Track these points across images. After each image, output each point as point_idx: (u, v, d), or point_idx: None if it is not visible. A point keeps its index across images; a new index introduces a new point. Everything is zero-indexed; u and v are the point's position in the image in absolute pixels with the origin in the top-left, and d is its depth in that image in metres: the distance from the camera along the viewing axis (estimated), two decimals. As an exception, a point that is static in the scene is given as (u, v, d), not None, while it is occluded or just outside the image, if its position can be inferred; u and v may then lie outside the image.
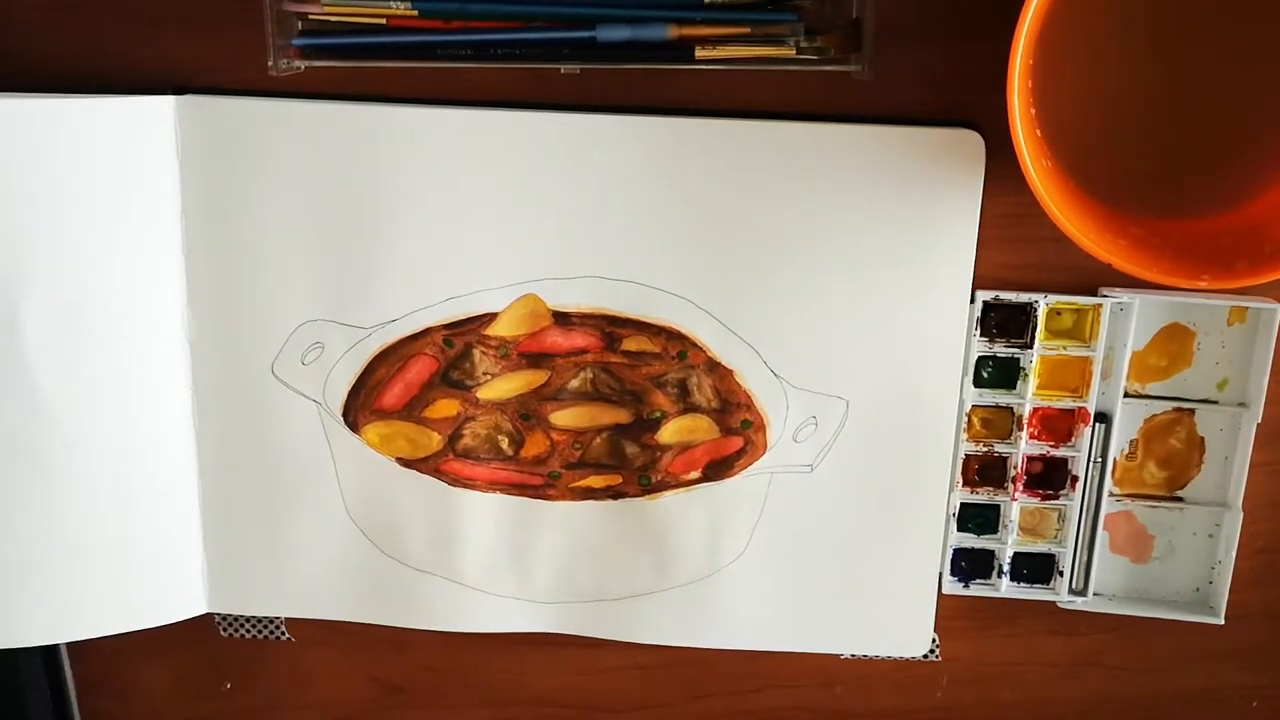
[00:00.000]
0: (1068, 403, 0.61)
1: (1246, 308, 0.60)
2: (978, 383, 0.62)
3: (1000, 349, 0.61)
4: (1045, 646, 0.66)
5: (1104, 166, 0.56)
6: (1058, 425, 0.62)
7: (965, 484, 0.63)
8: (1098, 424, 0.62)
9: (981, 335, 0.61)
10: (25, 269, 0.58)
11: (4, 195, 0.57)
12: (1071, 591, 0.64)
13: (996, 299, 0.60)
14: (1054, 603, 0.64)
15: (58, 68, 0.59)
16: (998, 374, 0.62)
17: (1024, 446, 0.62)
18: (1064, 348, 0.61)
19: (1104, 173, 0.56)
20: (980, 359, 0.61)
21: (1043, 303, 0.60)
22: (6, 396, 0.59)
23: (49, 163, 0.57)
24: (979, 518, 0.64)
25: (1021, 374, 0.61)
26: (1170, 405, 0.62)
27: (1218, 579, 0.63)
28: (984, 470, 0.63)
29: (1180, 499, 0.64)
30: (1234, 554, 0.62)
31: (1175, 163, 0.57)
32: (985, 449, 0.62)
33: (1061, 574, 0.63)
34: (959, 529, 0.64)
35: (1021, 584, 0.64)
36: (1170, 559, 0.64)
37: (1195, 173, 0.57)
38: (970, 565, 0.64)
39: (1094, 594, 0.64)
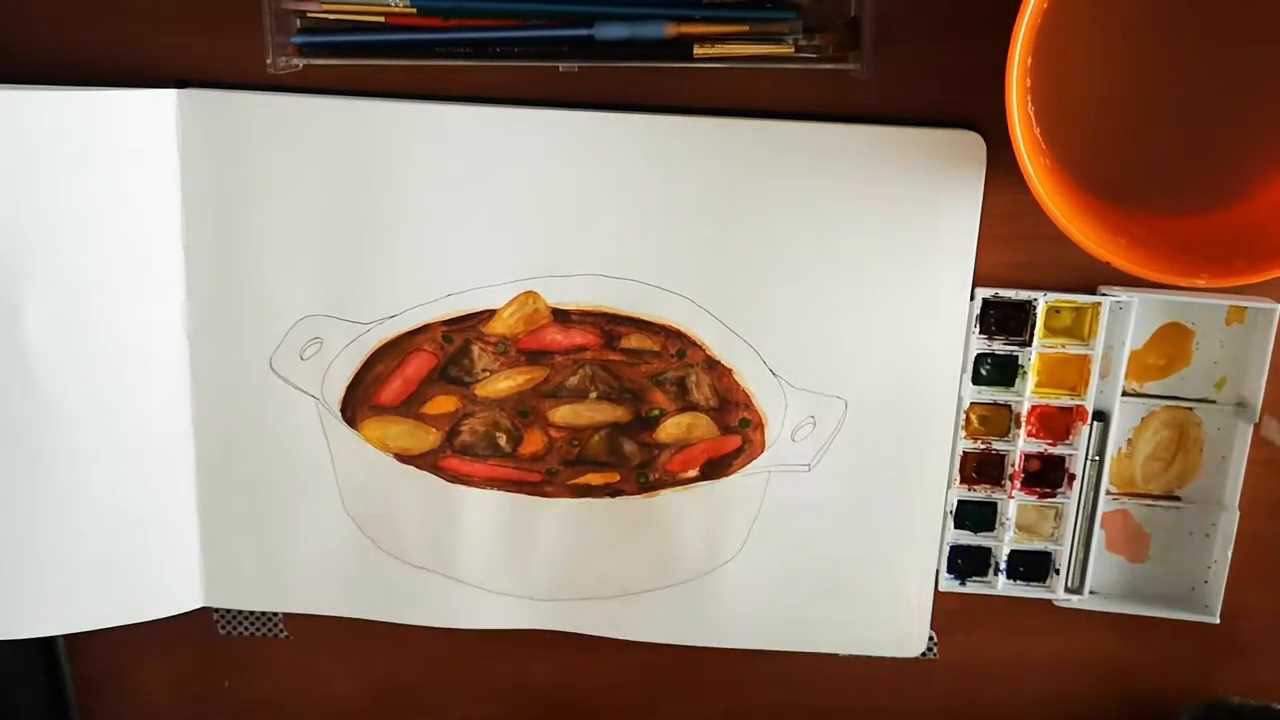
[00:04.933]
0: (1066, 401, 0.61)
1: (1245, 307, 0.60)
2: (976, 380, 0.62)
3: (999, 347, 0.61)
4: (1041, 644, 0.66)
5: (1103, 165, 0.56)
6: (1055, 423, 0.62)
7: (963, 481, 0.63)
8: (1095, 422, 0.62)
9: (980, 333, 0.61)
10: (25, 261, 0.58)
11: (5, 187, 0.57)
12: (1068, 590, 0.64)
13: (996, 296, 0.60)
14: (1050, 601, 0.64)
15: (57, 62, 0.59)
16: (996, 372, 0.62)
17: (1022, 444, 0.62)
18: (1063, 346, 0.61)
19: (1103, 171, 0.56)
20: (979, 356, 0.61)
21: (1042, 301, 0.60)
22: (5, 388, 0.59)
23: (50, 155, 0.57)
24: (976, 515, 0.64)
25: (1020, 372, 0.61)
26: (1168, 404, 0.62)
27: (1213, 578, 0.63)
28: (981, 468, 0.63)
29: (1177, 498, 0.64)
30: (1230, 553, 0.62)
31: (1174, 161, 0.57)
32: (983, 446, 0.63)
33: (1058, 572, 0.64)
34: (956, 526, 0.64)
35: (1018, 582, 0.64)
36: (1166, 558, 0.64)
37: (1194, 171, 0.57)
38: (967, 563, 0.64)
39: (1090, 592, 0.64)
